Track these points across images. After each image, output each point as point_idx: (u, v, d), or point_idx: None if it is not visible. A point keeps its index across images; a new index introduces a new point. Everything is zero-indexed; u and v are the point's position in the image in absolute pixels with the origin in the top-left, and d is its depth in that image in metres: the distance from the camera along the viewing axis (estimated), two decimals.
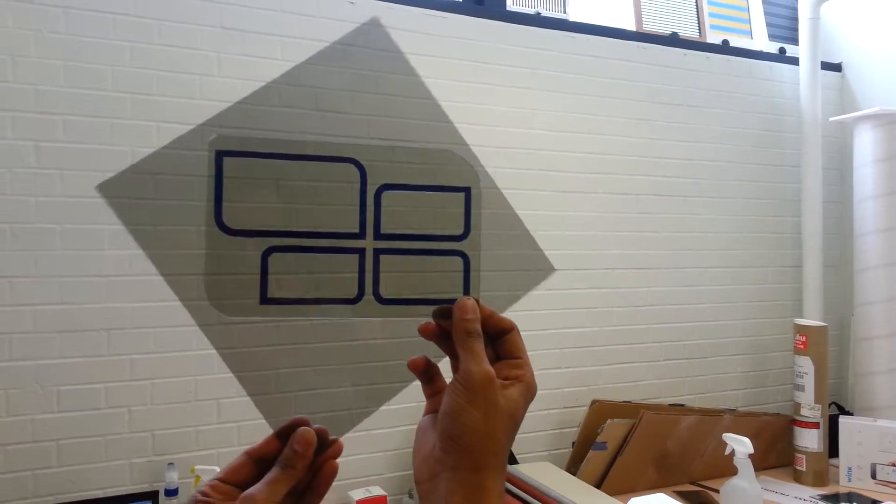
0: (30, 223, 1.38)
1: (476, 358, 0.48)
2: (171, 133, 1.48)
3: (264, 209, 0.50)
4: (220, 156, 0.49)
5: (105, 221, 1.43)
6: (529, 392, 0.50)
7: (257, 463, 0.48)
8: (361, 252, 0.52)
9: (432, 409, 0.52)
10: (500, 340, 0.51)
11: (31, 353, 1.38)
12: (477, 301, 0.50)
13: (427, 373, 0.53)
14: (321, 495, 0.50)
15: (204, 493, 0.45)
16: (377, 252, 0.52)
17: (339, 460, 0.50)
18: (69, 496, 1.39)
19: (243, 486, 0.47)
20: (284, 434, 0.48)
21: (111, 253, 1.43)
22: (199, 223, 1.49)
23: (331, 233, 0.51)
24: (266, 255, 0.50)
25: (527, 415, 0.50)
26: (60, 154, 1.40)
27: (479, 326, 0.49)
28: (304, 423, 0.48)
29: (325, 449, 0.49)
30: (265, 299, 0.50)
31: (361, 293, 0.51)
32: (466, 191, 0.55)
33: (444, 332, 0.51)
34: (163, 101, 1.48)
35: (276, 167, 0.50)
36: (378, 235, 0.52)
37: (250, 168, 0.50)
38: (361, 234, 0.52)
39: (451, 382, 0.49)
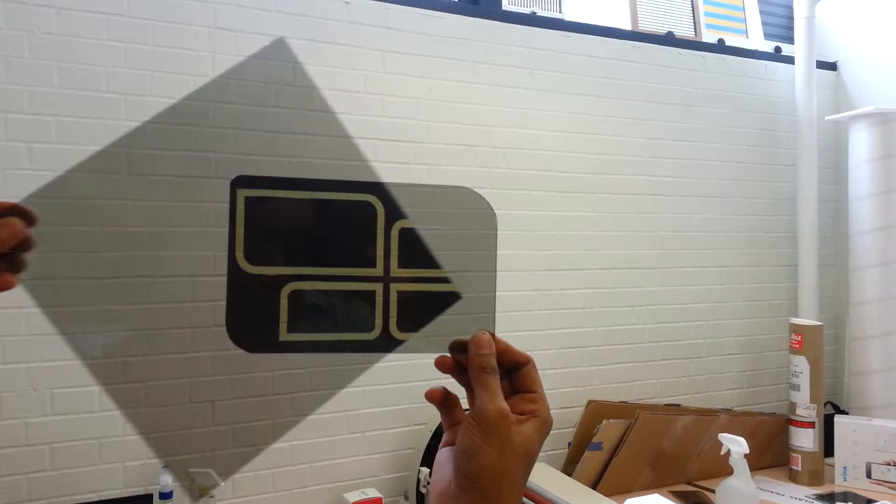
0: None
1: (491, 394, 0.47)
2: (166, 135, 1.47)
3: (282, 245, 0.50)
4: (235, 187, 0.49)
5: (98, 223, 1.42)
6: (545, 427, 0.49)
7: None
8: (379, 288, 0.52)
9: (451, 441, 0.52)
10: (516, 374, 0.51)
11: (24, 356, 1.37)
12: (492, 335, 0.50)
13: (445, 404, 0.53)
14: None
15: None
16: (394, 288, 0.52)
17: (335, 461, 0.50)
18: (63, 499, 1.39)
19: None
20: (13, 212, 0.46)
21: (105, 255, 1.43)
22: (190, 224, 1.49)
23: (349, 273, 0.51)
24: (284, 290, 0.50)
25: None
26: (54, 155, 1.39)
27: (494, 361, 0.49)
28: (32, 218, 0.46)
29: (26, 249, 0.47)
30: (284, 335, 0.50)
31: (379, 328, 0.52)
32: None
33: (461, 365, 0.51)
34: (157, 102, 1.47)
35: (294, 205, 0.50)
36: (395, 271, 0.52)
37: (268, 204, 0.50)
38: (379, 270, 0.52)
39: (465, 419, 0.48)
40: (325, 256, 0.51)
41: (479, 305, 0.54)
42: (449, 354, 0.51)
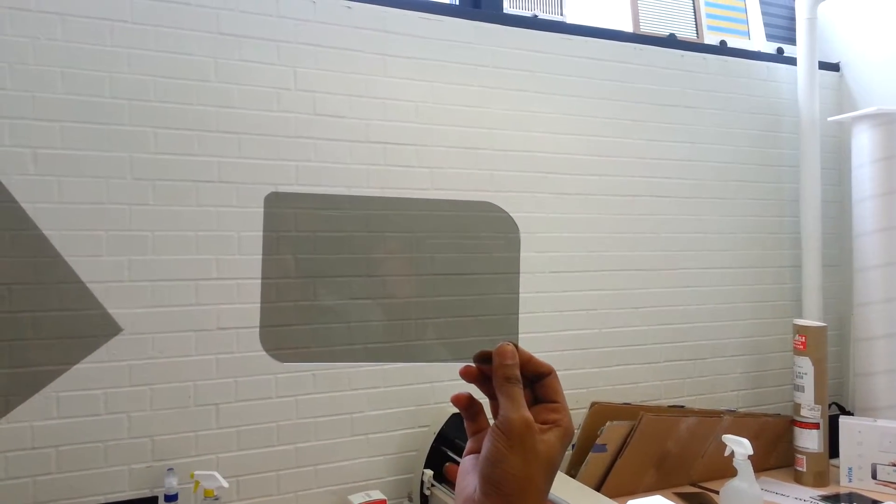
0: (27, 230, 1.38)
1: (515, 404, 0.49)
2: (169, 139, 1.48)
3: (309, 260, 0.52)
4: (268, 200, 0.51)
5: (102, 227, 1.43)
6: (567, 436, 0.50)
7: None
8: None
9: (474, 449, 0.53)
10: (539, 384, 0.52)
11: (30, 360, 1.38)
12: (516, 346, 0.51)
13: (470, 409, 0.54)
14: None
15: None
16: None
17: (339, 464, 0.52)
18: (69, 502, 1.39)
19: None
20: None
21: (109, 259, 1.44)
22: (193, 229, 1.50)
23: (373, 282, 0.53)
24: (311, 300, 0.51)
25: None
26: (58, 161, 1.41)
27: (518, 372, 0.50)
28: None
29: None
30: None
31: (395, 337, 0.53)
32: None
33: (485, 375, 0.52)
34: (160, 108, 1.48)
35: (320, 218, 0.51)
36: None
37: (293, 221, 0.51)
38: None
39: (491, 428, 0.49)
40: (351, 268, 0.52)
41: (503, 307, 0.55)
42: (473, 364, 0.53)
